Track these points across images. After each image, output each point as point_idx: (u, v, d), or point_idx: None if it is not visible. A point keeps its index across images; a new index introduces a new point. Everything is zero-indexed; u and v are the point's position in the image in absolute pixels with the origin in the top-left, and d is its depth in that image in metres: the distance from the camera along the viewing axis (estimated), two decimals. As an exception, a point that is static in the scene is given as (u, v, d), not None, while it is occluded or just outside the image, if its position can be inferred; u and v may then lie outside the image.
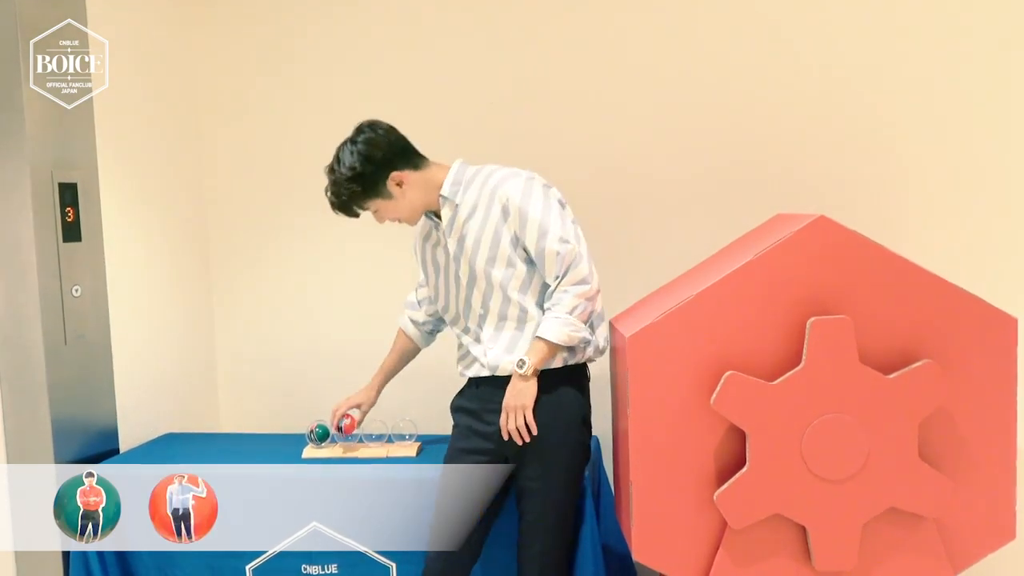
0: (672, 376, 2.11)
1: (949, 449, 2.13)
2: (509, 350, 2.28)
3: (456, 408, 2.43)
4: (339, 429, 2.64)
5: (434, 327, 2.60)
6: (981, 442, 2.13)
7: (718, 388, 2.05)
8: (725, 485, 2.08)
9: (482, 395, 2.34)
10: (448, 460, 2.39)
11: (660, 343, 2.10)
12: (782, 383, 2.05)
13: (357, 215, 2.35)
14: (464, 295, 2.34)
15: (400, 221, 2.36)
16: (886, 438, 2.06)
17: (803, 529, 2.12)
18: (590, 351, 2.33)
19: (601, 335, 2.36)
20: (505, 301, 2.28)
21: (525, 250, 2.25)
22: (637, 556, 2.17)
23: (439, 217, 2.35)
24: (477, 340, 2.34)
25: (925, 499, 2.08)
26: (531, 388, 2.21)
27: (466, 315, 2.35)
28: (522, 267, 2.26)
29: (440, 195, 2.31)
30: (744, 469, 2.07)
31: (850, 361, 2.05)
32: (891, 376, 2.05)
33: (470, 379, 2.39)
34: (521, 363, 2.19)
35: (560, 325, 2.19)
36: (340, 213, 2.33)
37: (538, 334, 2.21)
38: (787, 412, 2.06)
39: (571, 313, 2.19)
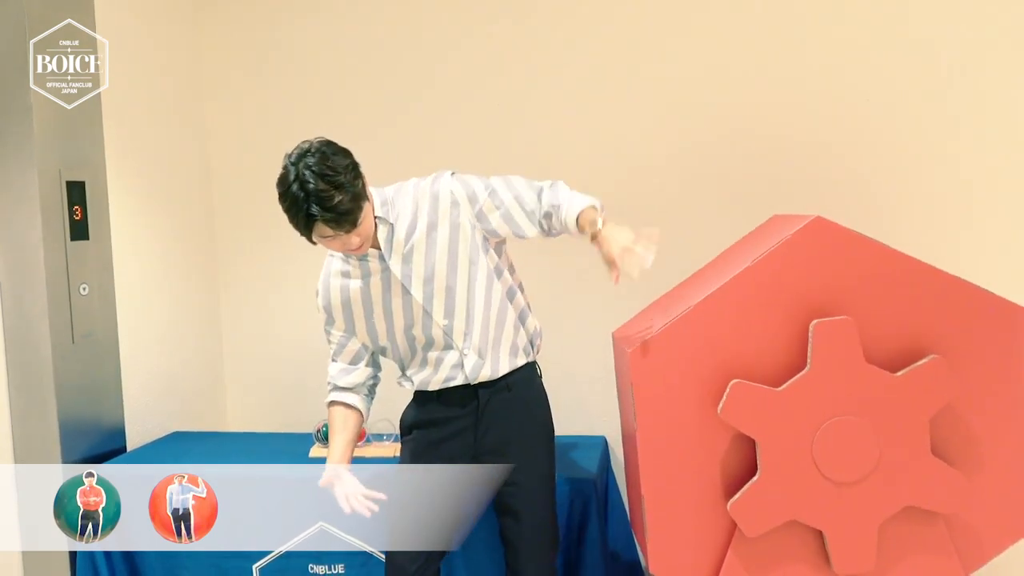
0: (677, 388, 2.07)
1: (961, 445, 2.09)
2: (494, 347, 2.16)
3: (413, 424, 2.25)
4: None
5: (374, 382, 2.31)
6: (993, 436, 2.09)
7: (724, 398, 2.02)
8: (738, 494, 2.05)
9: (444, 407, 2.21)
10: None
11: (663, 356, 2.07)
12: (789, 388, 2.02)
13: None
14: (424, 312, 2.14)
15: (358, 248, 2.06)
16: (897, 437, 2.03)
17: (816, 533, 2.08)
18: (539, 342, 2.28)
19: (533, 326, 2.27)
20: (474, 300, 2.14)
21: (487, 230, 2.13)
22: (654, 570, 2.14)
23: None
24: (448, 348, 2.15)
25: (939, 496, 2.05)
26: (618, 231, 1.98)
27: (426, 332, 2.15)
28: (484, 259, 2.14)
29: (376, 217, 2.09)
30: (756, 477, 2.04)
31: (856, 362, 2.01)
32: (898, 374, 2.02)
33: (425, 392, 2.23)
34: (594, 223, 2.01)
35: (578, 195, 2.09)
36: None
37: (571, 208, 2.06)
38: (796, 417, 2.02)
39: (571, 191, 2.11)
